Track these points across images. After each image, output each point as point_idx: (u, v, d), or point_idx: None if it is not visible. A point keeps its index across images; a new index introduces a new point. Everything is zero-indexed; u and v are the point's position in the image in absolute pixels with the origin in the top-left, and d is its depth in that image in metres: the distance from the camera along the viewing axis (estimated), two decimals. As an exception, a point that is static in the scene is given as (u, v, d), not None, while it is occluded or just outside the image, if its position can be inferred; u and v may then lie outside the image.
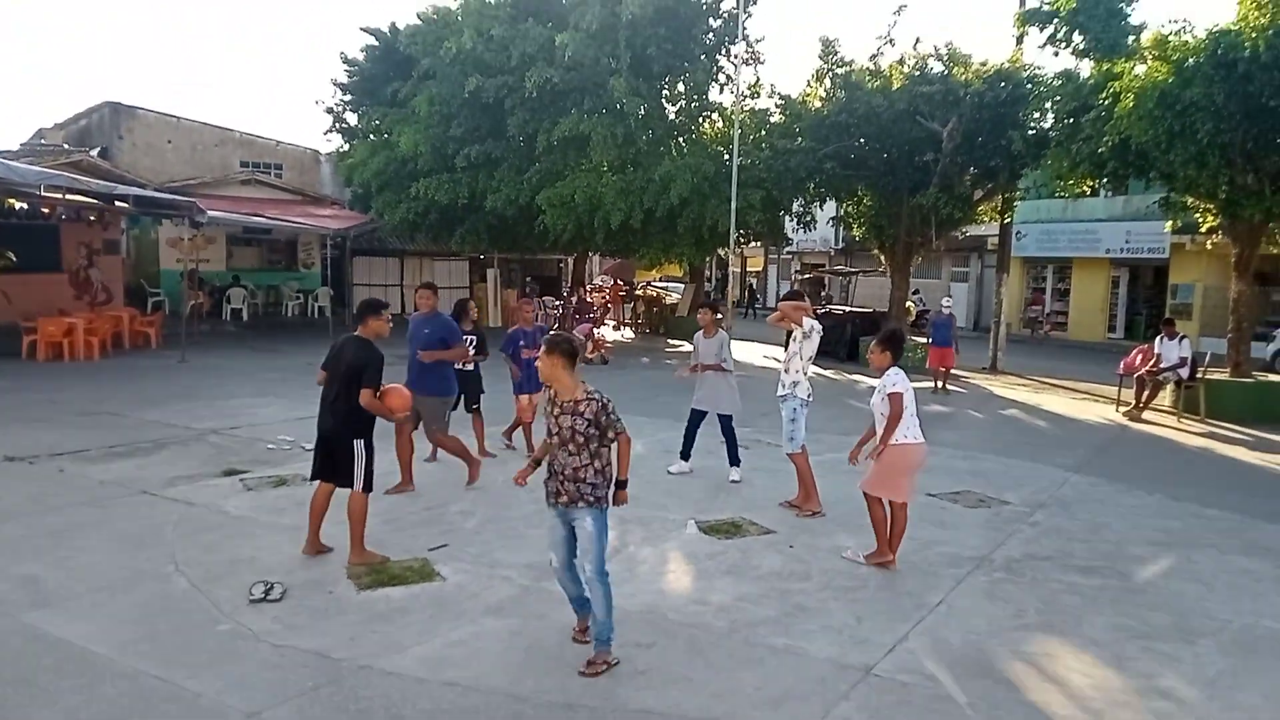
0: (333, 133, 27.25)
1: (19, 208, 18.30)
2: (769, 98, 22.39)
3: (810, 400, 7.87)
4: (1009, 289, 21.64)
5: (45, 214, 19.70)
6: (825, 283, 34.48)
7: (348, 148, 25.81)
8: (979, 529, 7.55)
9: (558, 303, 25.10)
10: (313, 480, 6.27)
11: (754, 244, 31.35)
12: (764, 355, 20.76)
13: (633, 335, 27.34)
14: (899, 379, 6.38)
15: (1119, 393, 15.07)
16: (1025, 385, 17.97)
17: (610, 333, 25.54)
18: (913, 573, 6.35)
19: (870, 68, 20.68)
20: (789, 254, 40.85)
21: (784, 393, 7.83)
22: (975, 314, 32.87)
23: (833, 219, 25.54)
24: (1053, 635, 5.39)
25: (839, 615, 5.58)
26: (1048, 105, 17.50)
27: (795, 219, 23.23)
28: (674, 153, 21.25)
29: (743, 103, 21.49)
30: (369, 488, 6.16)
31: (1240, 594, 6.21)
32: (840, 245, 37.58)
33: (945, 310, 16.62)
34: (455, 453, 8.40)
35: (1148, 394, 14.23)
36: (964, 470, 9.65)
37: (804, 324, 7.78)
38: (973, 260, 33.77)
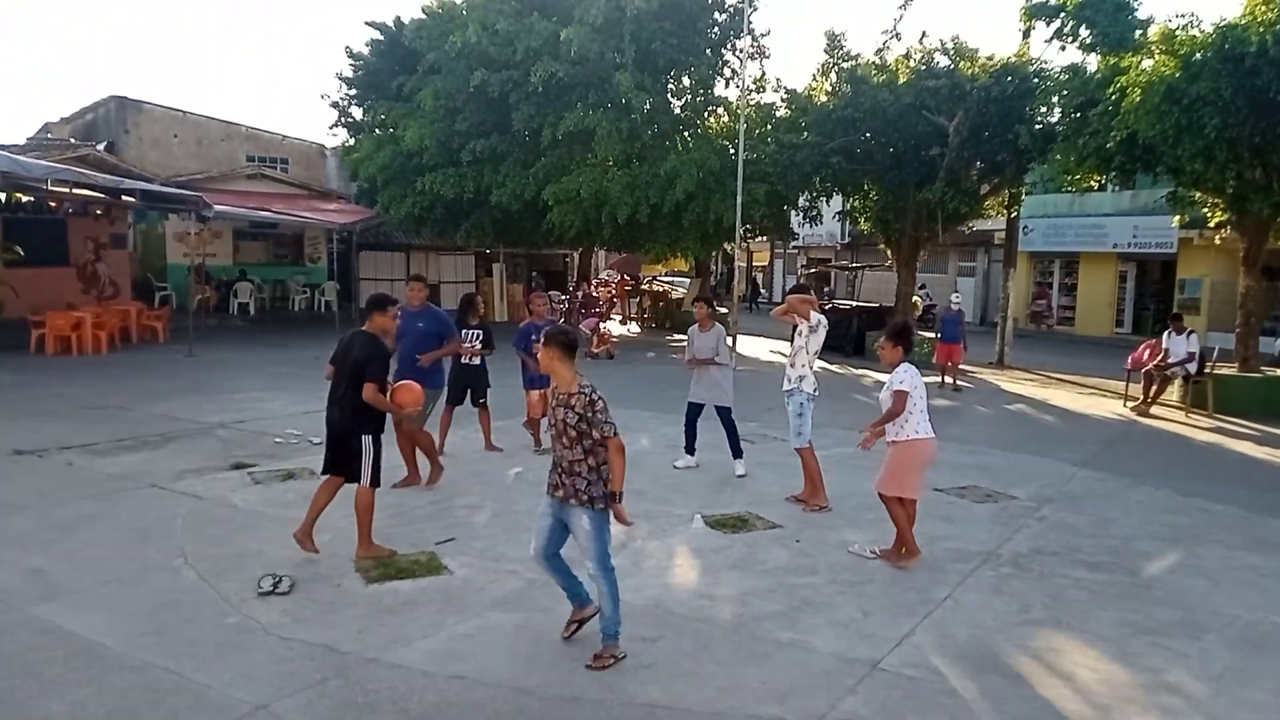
0: (338, 127, 27.26)
1: (26, 202, 18.36)
2: (774, 92, 22.35)
3: (817, 395, 7.86)
4: (1016, 284, 21.58)
5: (52, 208, 19.72)
6: (831, 278, 34.43)
7: (353, 142, 25.80)
8: (986, 524, 7.55)
9: (563, 297, 25.09)
10: (323, 475, 6.27)
11: (760, 238, 31.29)
12: (770, 350, 20.76)
13: (638, 330, 27.33)
14: (907, 376, 6.36)
15: (1126, 388, 15.04)
16: (1032, 380, 17.93)
17: (616, 327, 25.53)
18: (919, 568, 6.35)
19: (876, 62, 20.60)
20: (795, 248, 40.76)
21: (790, 387, 7.82)
22: (982, 309, 32.79)
23: (839, 213, 25.46)
24: (1059, 630, 5.39)
25: (845, 610, 5.58)
26: (1054, 100, 17.42)
27: (801, 213, 23.19)
28: (679, 147, 21.21)
29: (748, 97, 21.43)
30: (376, 483, 6.18)
31: (1247, 590, 6.20)
32: (846, 240, 37.49)
33: (955, 306, 16.58)
34: (426, 449, 8.12)
35: (1155, 389, 14.19)
36: (971, 465, 9.64)
37: (811, 318, 7.77)
38: (979, 255, 33.67)
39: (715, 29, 21.80)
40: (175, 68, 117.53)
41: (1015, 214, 21.12)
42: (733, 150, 20.16)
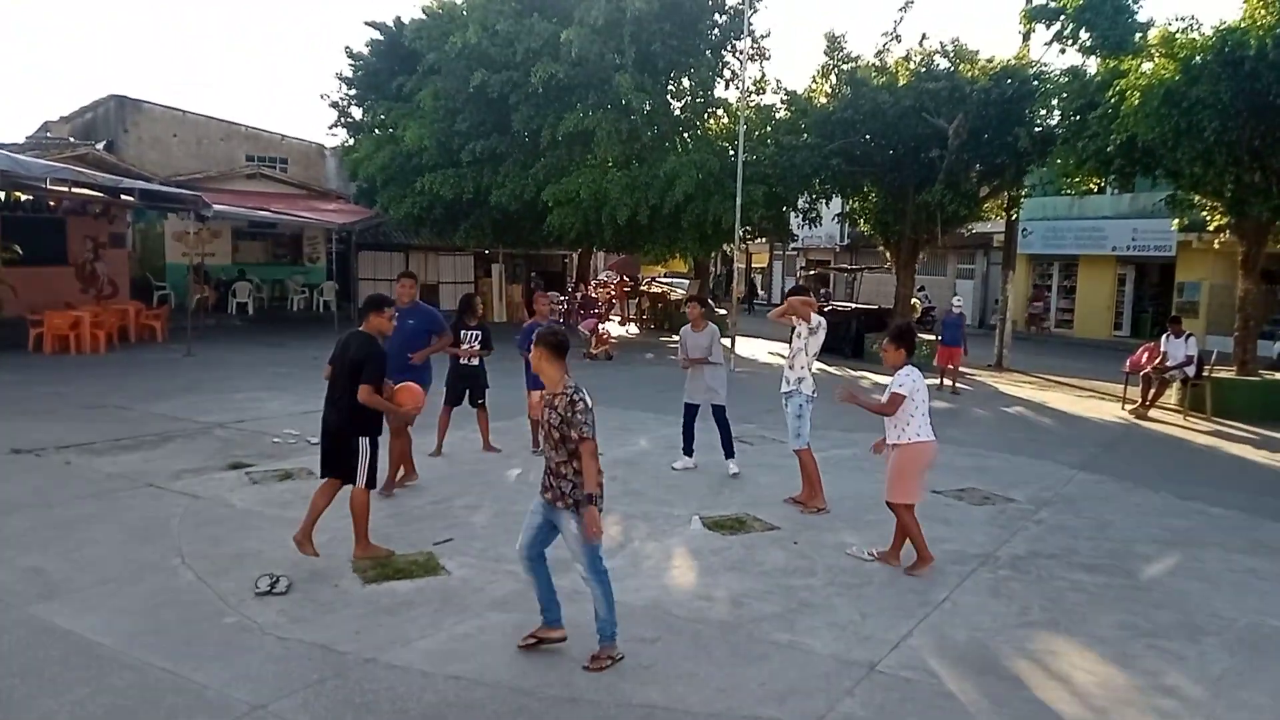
0: (338, 127, 27.30)
1: (25, 200, 18.33)
2: (774, 93, 22.39)
3: (815, 396, 7.86)
4: (1015, 286, 21.60)
5: (51, 207, 19.71)
6: (829, 280, 34.44)
7: (353, 142, 25.82)
8: (984, 526, 7.55)
9: (562, 298, 25.09)
10: (323, 478, 6.22)
11: (759, 240, 31.31)
12: (769, 351, 20.75)
13: (637, 331, 27.33)
14: (906, 380, 6.29)
15: (1125, 390, 15.04)
16: (1031, 383, 17.94)
17: (615, 328, 25.53)
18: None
19: (876, 64, 20.63)
20: (794, 250, 40.79)
21: (789, 389, 7.82)
22: (980, 311, 32.81)
23: (838, 215, 25.50)
24: (1058, 633, 5.38)
25: (843, 611, 5.58)
26: (1054, 102, 17.48)
27: (800, 215, 23.21)
28: (679, 149, 21.22)
29: (748, 98, 21.45)
30: (372, 484, 6.17)
31: (1246, 592, 6.20)
32: (846, 241, 37.52)
33: (956, 309, 16.59)
34: (400, 456, 7.88)
35: (1154, 392, 14.20)
36: (969, 467, 9.64)
37: (811, 320, 7.77)
38: (978, 257, 33.70)
39: (715, 30, 21.83)
40: (175, 68, 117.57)
41: (1014, 216, 21.15)
42: (732, 152, 20.17)
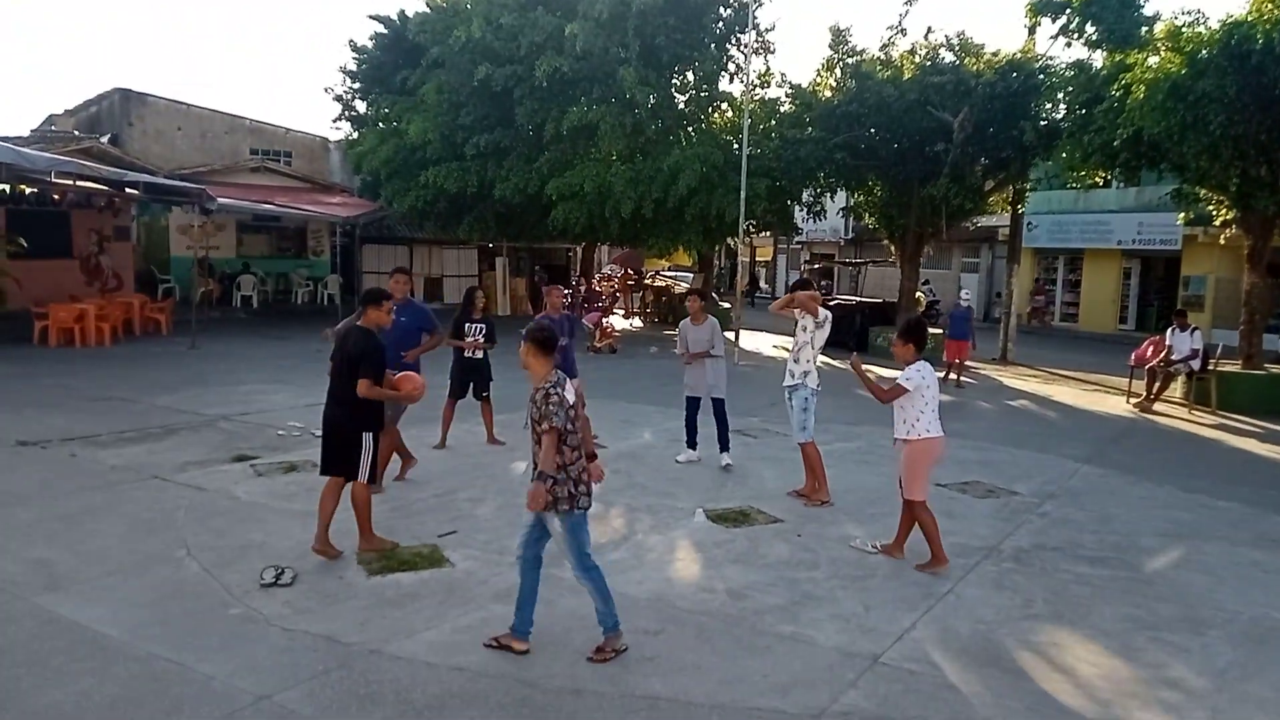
0: (342, 120, 27.27)
1: (30, 193, 18.37)
2: (779, 87, 22.41)
3: (819, 390, 7.86)
4: (1020, 280, 21.56)
5: (56, 200, 19.77)
6: (834, 273, 34.38)
7: (357, 135, 25.80)
8: (988, 519, 7.54)
9: (566, 291, 25.08)
10: (323, 475, 6.14)
11: (763, 234, 31.25)
12: (773, 345, 20.74)
13: (641, 324, 27.32)
14: (914, 375, 6.21)
15: (1130, 384, 15.02)
16: (1035, 376, 17.91)
17: (619, 322, 25.52)
18: (921, 562, 6.34)
19: (881, 57, 20.58)
20: (799, 244, 40.72)
21: (794, 383, 7.82)
22: (985, 304, 32.75)
23: (843, 209, 25.47)
24: (1061, 625, 5.39)
25: (847, 604, 5.58)
26: (1060, 96, 17.40)
27: (805, 209, 23.17)
28: (683, 142, 21.20)
29: (752, 92, 21.41)
30: (373, 478, 6.19)
31: (1250, 585, 6.20)
32: (850, 235, 37.44)
33: (963, 303, 16.54)
34: (386, 451, 7.71)
35: (1159, 385, 14.17)
36: (973, 461, 9.62)
37: (818, 314, 7.77)
38: (983, 251, 33.60)
39: (720, 24, 21.78)
40: (177, 67, 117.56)
41: (1020, 210, 21.11)
42: (736, 145, 20.15)
